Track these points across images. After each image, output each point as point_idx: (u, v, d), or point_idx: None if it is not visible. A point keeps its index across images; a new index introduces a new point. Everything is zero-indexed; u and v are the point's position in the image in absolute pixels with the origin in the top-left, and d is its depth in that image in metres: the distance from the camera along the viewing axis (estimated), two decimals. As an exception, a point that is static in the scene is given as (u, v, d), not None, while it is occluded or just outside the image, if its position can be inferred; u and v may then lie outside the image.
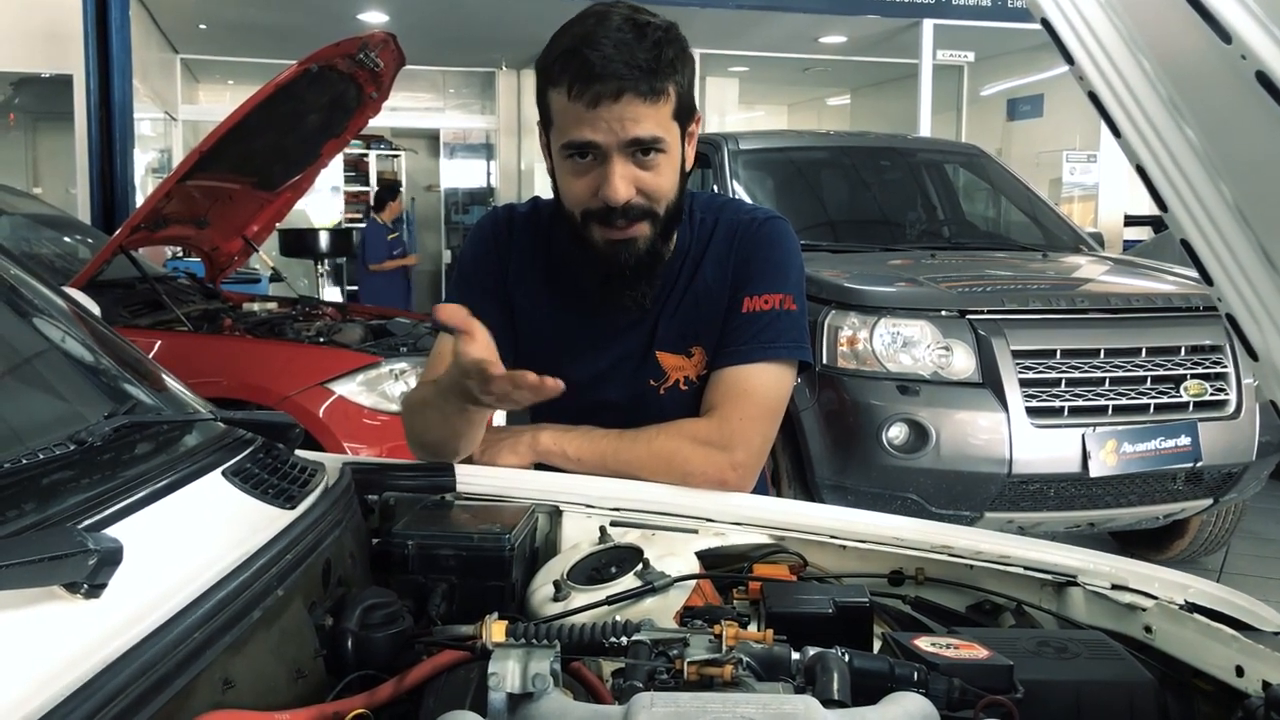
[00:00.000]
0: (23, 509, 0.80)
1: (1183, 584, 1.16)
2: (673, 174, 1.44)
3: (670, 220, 1.47)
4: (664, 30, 1.39)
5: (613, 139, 1.37)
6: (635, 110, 1.35)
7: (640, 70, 1.34)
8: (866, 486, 3.56)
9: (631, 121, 1.36)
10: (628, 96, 1.34)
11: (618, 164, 1.38)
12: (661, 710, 0.74)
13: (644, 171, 1.40)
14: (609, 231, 1.43)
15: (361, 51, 4.06)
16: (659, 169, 1.41)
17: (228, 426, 1.15)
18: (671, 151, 1.42)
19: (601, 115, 1.35)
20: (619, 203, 1.39)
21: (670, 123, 1.40)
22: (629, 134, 1.36)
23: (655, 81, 1.36)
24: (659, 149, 1.39)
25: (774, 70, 11.19)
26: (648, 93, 1.35)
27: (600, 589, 1.14)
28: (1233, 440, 3.63)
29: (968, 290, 3.81)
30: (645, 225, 1.44)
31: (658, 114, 1.38)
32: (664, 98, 1.38)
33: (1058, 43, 0.96)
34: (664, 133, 1.39)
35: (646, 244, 1.45)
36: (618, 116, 1.35)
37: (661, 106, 1.38)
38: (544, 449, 1.48)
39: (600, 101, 1.34)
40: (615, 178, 1.38)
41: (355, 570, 1.11)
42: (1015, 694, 0.92)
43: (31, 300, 1.21)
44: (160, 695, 0.69)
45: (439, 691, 0.91)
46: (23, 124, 8.77)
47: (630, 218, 1.42)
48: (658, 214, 1.44)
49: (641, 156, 1.39)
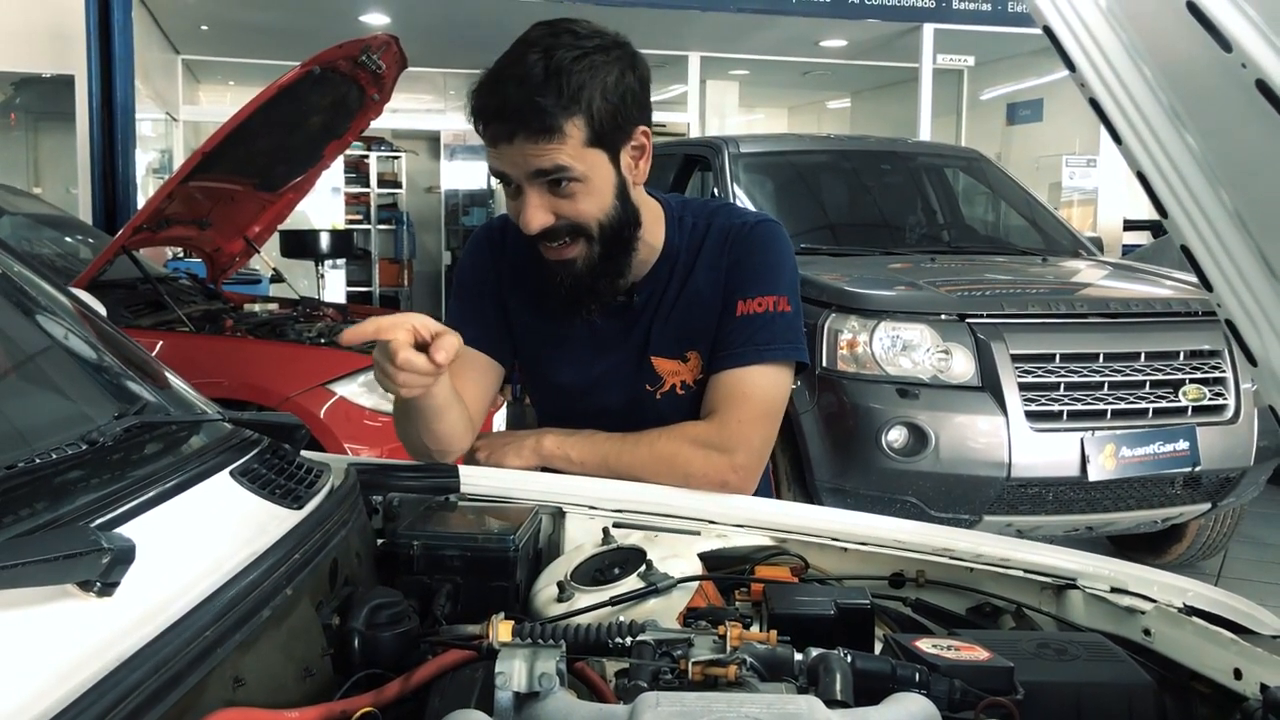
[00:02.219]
0: (35, 508, 0.81)
1: (1181, 587, 1.17)
2: (598, 197, 1.43)
3: (613, 237, 1.46)
4: (584, 57, 1.37)
5: (519, 172, 1.39)
6: (531, 149, 1.37)
7: (531, 112, 1.35)
8: (866, 489, 3.57)
9: (533, 157, 1.37)
10: (520, 138, 1.36)
11: (531, 194, 1.41)
12: (667, 710, 0.75)
13: (561, 199, 1.41)
14: (547, 251, 1.46)
15: (364, 53, 4.06)
16: (576, 196, 1.41)
17: (234, 427, 1.16)
18: (591, 177, 1.41)
19: (504, 152, 1.39)
20: (531, 232, 1.42)
21: (583, 150, 1.39)
22: (531, 167, 1.38)
23: (549, 119, 1.35)
24: (570, 178, 1.39)
25: (774, 73, 11.19)
26: (539, 132, 1.35)
27: (604, 590, 1.15)
28: (1231, 445, 3.64)
29: (967, 294, 3.83)
30: (580, 245, 1.45)
31: (561, 149, 1.37)
32: (559, 135, 1.36)
33: (1059, 50, 0.97)
34: (573, 162, 1.38)
35: (585, 263, 1.46)
36: (517, 152, 1.38)
37: (561, 143, 1.37)
38: (547, 452, 1.49)
39: (498, 141, 1.38)
40: (528, 208, 1.41)
41: (361, 570, 1.12)
42: (1016, 695, 0.92)
43: (42, 301, 1.22)
44: (173, 692, 0.70)
45: (444, 691, 0.92)
46: (24, 124, 8.78)
47: (557, 239, 1.44)
48: (590, 233, 1.44)
49: (556, 186, 1.40)
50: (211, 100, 11.77)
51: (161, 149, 9.83)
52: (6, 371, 1.13)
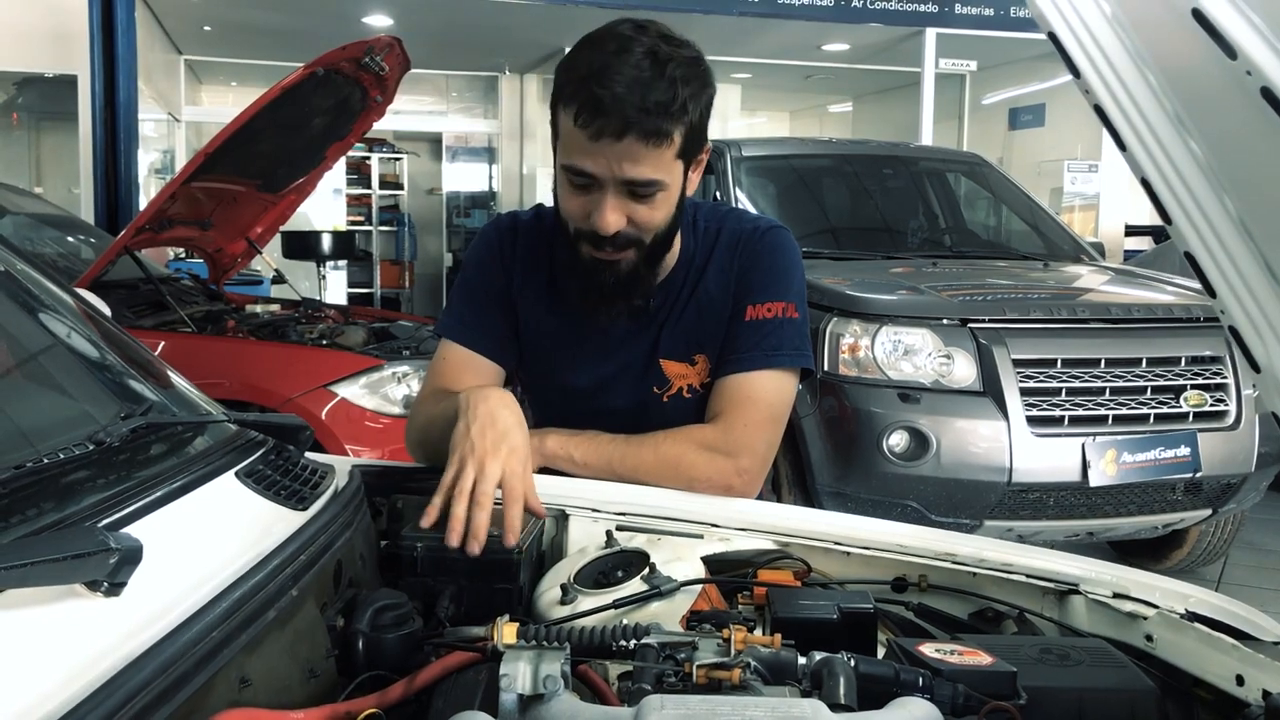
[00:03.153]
0: (42, 507, 0.81)
1: (1183, 593, 1.17)
2: (668, 208, 1.44)
3: (658, 246, 1.47)
4: (685, 66, 1.36)
5: (609, 174, 1.37)
6: (636, 151, 1.34)
7: (647, 113, 1.32)
8: (867, 493, 3.57)
9: (630, 163, 1.35)
10: (631, 137, 1.33)
11: (611, 197, 1.39)
12: (672, 713, 0.75)
13: (638, 205, 1.40)
14: (596, 252, 1.45)
15: (367, 55, 4.07)
16: (654, 204, 1.41)
17: (239, 428, 1.16)
18: (671, 188, 1.42)
19: (603, 150, 1.35)
20: (607, 234, 1.41)
21: (672, 163, 1.39)
22: (625, 174, 1.36)
23: (662, 124, 1.34)
24: (656, 189, 1.39)
25: (776, 77, 11.20)
26: (652, 134, 1.34)
27: (607, 593, 1.15)
28: (1232, 451, 3.64)
29: (969, 299, 3.83)
30: (631, 252, 1.45)
31: (659, 156, 1.36)
32: (667, 141, 1.36)
33: (1064, 56, 0.97)
34: (663, 175, 1.38)
35: (629, 267, 1.47)
36: (618, 154, 1.35)
37: (665, 149, 1.36)
38: (550, 453, 1.49)
39: (602, 137, 1.34)
40: (607, 210, 1.39)
41: (365, 572, 1.12)
42: (1018, 700, 0.93)
43: (48, 302, 1.22)
44: (180, 692, 0.70)
45: (448, 693, 0.92)
46: (26, 123, 8.79)
47: (618, 245, 1.43)
48: (644, 243, 1.45)
49: (637, 192, 1.39)
50: (213, 101, 11.78)
51: (163, 149, 9.85)
52: (14, 371, 1.13)
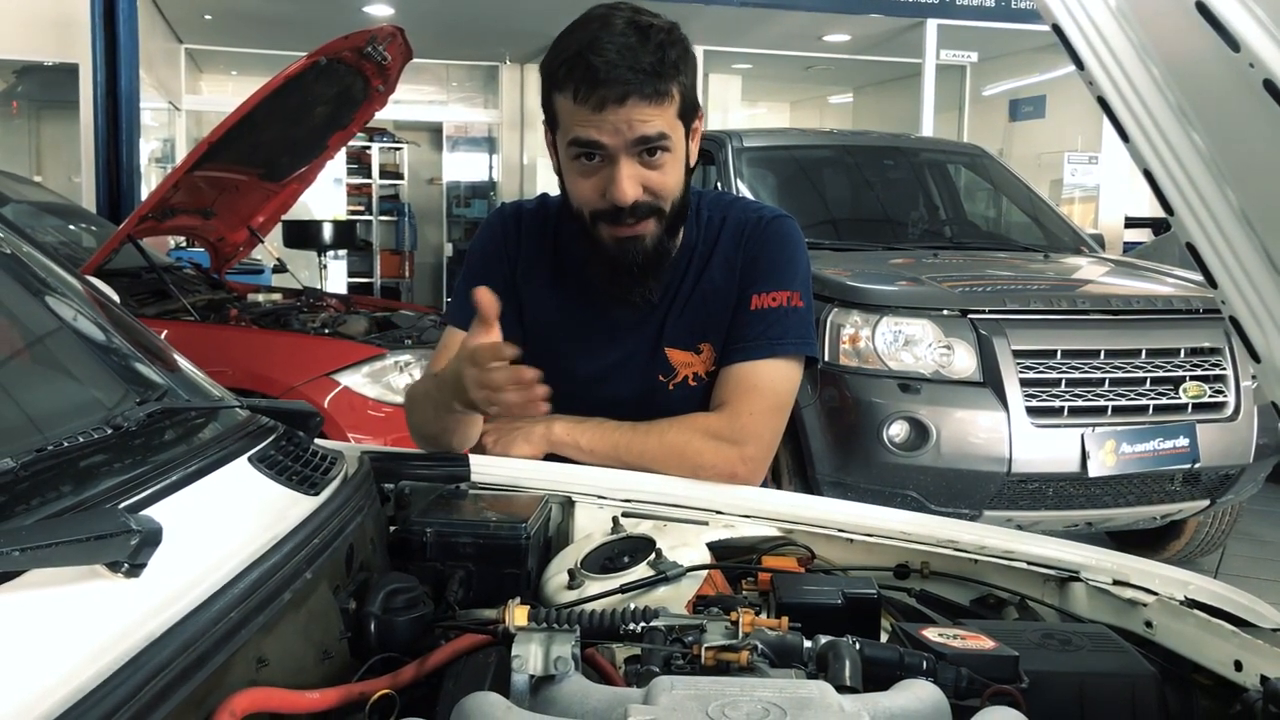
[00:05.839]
0: (62, 490, 0.83)
1: (1183, 581, 1.18)
2: (678, 171, 1.47)
3: (676, 216, 1.50)
4: (666, 32, 1.42)
5: (619, 140, 1.39)
6: (641, 112, 1.38)
7: (644, 73, 1.37)
8: (867, 483, 3.59)
9: (639, 122, 1.39)
10: (633, 100, 1.37)
11: (624, 165, 1.41)
12: (681, 693, 0.76)
13: (650, 170, 1.43)
14: (617, 230, 1.46)
15: (370, 45, 4.07)
16: (665, 167, 1.44)
17: (250, 414, 1.18)
18: (676, 150, 1.45)
19: (608, 118, 1.38)
20: (626, 203, 1.42)
21: (675, 121, 1.43)
22: (635, 134, 1.39)
23: (659, 83, 1.39)
24: (665, 148, 1.42)
25: (777, 68, 11.19)
26: (652, 94, 1.38)
27: (614, 578, 1.16)
28: (1230, 442, 3.66)
29: (969, 290, 3.84)
30: (652, 222, 1.47)
31: (663, 114, 1.40)
32: (668, 99, 1.41)
33: (1068, 48, 0.98)
34: (670, 130, 1.42)
35: (654, 240, 1.48)
36: (624, 119, 1.38)
37: (666, 107, 1.41)
38: (557, 439, 1.50)
39: (606, 105, 1.37)
40: (622, 179, 1.41)
41: (376, 556, 1.13)
42: (1020, 684, 0.94)
43: (59, 289, 1.24)
44: (201, 671, 0.72)
45: (458, 675, 0.93)
46: (26, 111, 8.79)
47: (638, 216, 1.45)
48: (664, 211, 1.47)
49: (648, 156, 1.42)
50: (214, 90, 11.77)
51: (164, 138, 9.84)
52: (30, 357, 1.14)
